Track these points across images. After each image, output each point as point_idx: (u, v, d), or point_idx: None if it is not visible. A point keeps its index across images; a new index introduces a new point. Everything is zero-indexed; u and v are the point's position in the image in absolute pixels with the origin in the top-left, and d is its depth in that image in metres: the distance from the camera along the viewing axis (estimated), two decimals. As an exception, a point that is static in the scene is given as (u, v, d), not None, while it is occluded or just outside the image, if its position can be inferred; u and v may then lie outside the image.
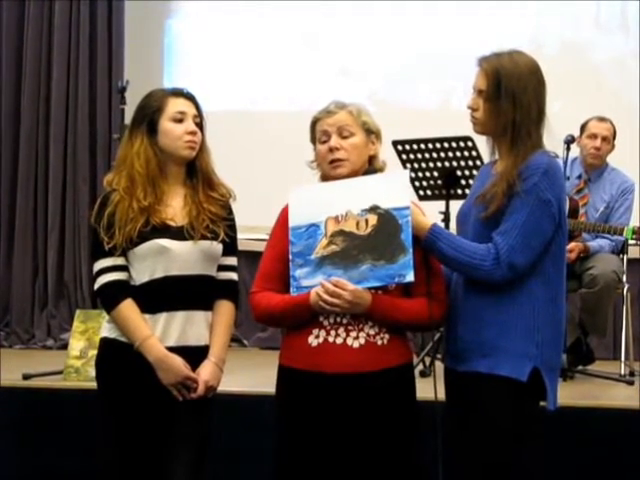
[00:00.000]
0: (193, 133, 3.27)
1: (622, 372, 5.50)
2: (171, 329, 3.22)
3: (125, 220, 3.20)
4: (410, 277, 2.96)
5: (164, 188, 3.27)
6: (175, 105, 3.29)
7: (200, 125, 3.32)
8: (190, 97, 3.34)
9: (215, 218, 3.28)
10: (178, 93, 3.33)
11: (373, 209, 3.03)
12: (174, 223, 3.25)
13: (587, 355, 5.75)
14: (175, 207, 3.28)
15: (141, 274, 3.24)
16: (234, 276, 3.38)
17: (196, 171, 3.32)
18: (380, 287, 3.03)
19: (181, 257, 3.22)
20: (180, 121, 3.27)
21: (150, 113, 3.29)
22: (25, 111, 7.20)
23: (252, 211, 5.09)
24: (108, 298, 3.26)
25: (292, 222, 3.10)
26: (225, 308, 3.33)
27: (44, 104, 7.20)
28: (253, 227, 5.63)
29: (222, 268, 3.34)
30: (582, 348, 5.71)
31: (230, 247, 3.34)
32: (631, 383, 5.35)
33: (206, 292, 3.28)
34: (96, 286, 3.29)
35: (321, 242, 3.05)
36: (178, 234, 3.23)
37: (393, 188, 3.04)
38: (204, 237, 3.25)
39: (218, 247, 3.29)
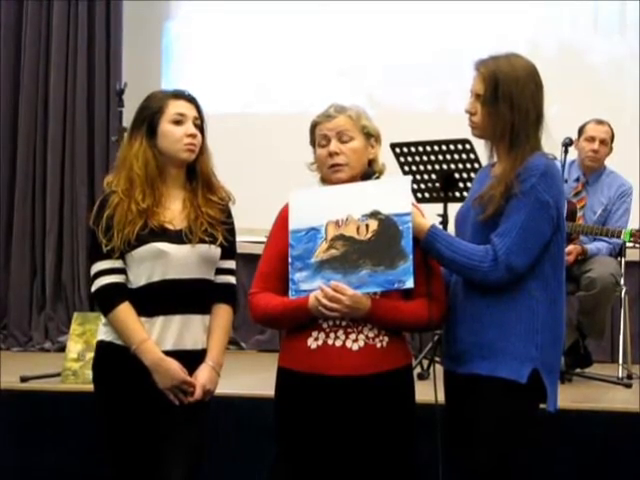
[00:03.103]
0: (193, 136, 3.26)
1: (620, 375, 5.49)
2: (168, 333, 3.21)
3: (124, 223, 3.19)
4: (410, 283, 2.96)
5: (163, 191, 3.27)
6: (175, 107, 3.27)
7: (201, 127, 3.31)
8: (191, 99, 3.32)
9: (214, 222, 3.27)
10: (179, 95, 3.32)
11: (374, 214, 3.02)
12: (172, 226, 3.24)
13: (585, 358, 5.74)
14: (174, 210, 3.27)
15: (138, 277, 3.23)
16: (232, 279, 3.37)
17: (196, 174, 3.31)
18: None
19: (179, 261, 3.21)
20: (180, 123, 3.26)
21: (150, 115, 3.28)
22: (23, 113, 7.20)
23: (251, 213, 5.08)
24: (105, 301, 3.25)
25: (292, 225, 3.10)
26: (223, 311, 3.32)
27: (42, 106, 7.20)
28: (252, 229, 5.63)
29: (220, 271, 3.33)
30: (580, 351, 5.70)
31: (228, 251, 3.33)
32: (629, 386, 5.35)
33: (203, 296, 3.27)
34: (93, 288, 3.28)
35: (321, 246, 3.04)
36: (176, 237, 3.23)
37: (394, 194, 3.04)
38: (202, 241, 3.24)
39: (216, 251, 3.28)
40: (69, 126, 7.18)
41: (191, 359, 3.23)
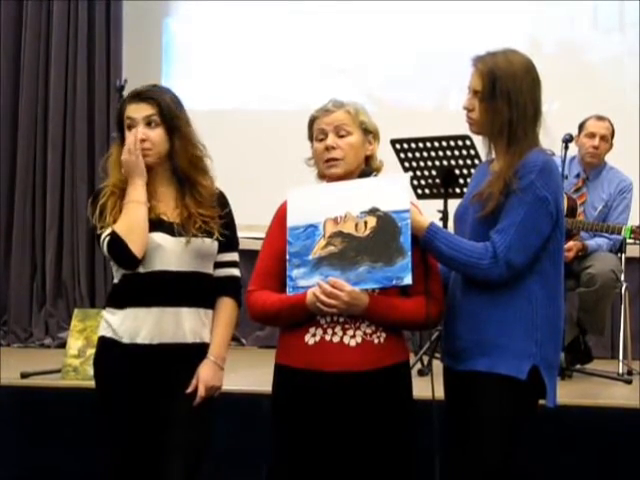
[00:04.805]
0: (141, 140, 3.23)
1: (620, 371, 5.50)
2: (158, 324, 3.19)
3: (116, 210, 3.21)
4: (408, 280, 2.95)
5: (154, 188, 3.26)
6: (127, 112, 3.26)
7: (163, 121, 3.24)
8: (143, 98, 3.26)
9: (207, 218, 3.25)
10: (131, 98, 3.29)
11: (372, 211, 3.02)
12: (167, 218, 3.24)
13: (585, 354, 5.75)
14: (168, 205, 3.26)
15: None
16: (234, 272, 3.36)
17: (177, 171, 3.30)
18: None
19: (171, 253, 3.20)
20: (130, 128, 3.25)
21: (117, 124, 3.31)
22: (23, 110, 7.20)
23: (250, 210, 5.09)
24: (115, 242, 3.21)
25: (290, 222, 3.09)
26: (224, 305, 3.32)
27: (42, 103, 7.20)
28: (251, 226, 5.62)
29: (220, 265, 3.32)
30: (580, 347, 5.71)
31: (227, 243, 3.32)
32: (629, 382, 5.35)
33: (197, 289, 3.26)
34: (105, 249, 3.22)
35: (319, 243, 3.04)
36: (170, 229, 3.22)
37: (393, 191, 3.03)
38: (195, 235, 3.23)
39: (212, 245, 3.26)
40: (69, 123, 7.19)
41: (187, 352, 3.23)
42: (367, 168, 3.18)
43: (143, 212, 3.20)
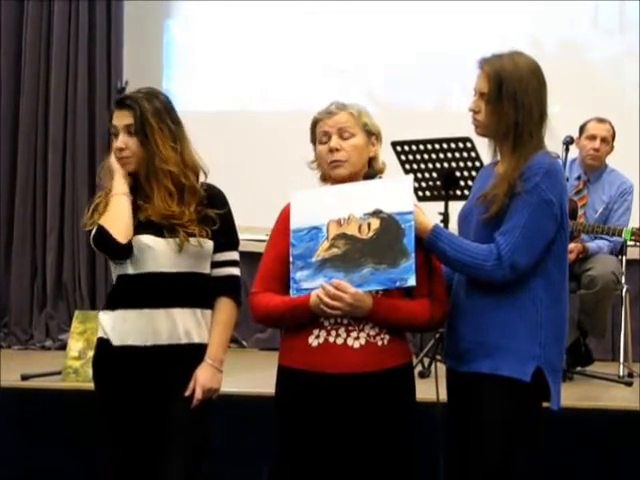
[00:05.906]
0: (119, 149, 3.22)
1: (621, 373, 5.50)
2: (150, 326, 3.18)
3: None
4: (412, 281, 2.95)
5: (147, 190, 3.24)
6: (112, 119, 3.26)
7: (137, 131, 3.21)
8: (123, 105, 3.24)
9: (201, 222, 3.23)
10: (115, 105, 3.28)
11: (376, 213, 3.02)
12: (156, 219, 3.22)
13: (586, 356, 5.75)
14: (160, 207, 3.23)
15: (119, 268, 3.23)
16: (233, 271, 3.33)
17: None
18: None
19: (161, 254, 3.19)
20: (116, 137, 3.24)
21: (108, 132, 3.32)
22: (24, 112, 7.20)
23: (251, 212, 5.09)
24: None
25: (294, 224, 3.09)
26: (222, 305, 3.30)
27: (43, 105, 7.20)
28: (252, 228, 5.63)
29: (219, 264, 3.30)
30: (581, 349, 5.71)
31: (226, 242, 3.29)
32: (630, 384, 5.35)
33: (191, 289, 3.24)
34: (92, 241, 3.29)
35: (322, 245, 3.04)
36: (159, 231, 3.20)
37: (396, 193, 3.03)
38: (188, 234, 3.21)
39: (202, 244, 3.22)
40: (70, 125, 7.18)
41: (185, 353, 3.21)
42: (371, 170, 3.18)
43: (124, 202, 3.21)
